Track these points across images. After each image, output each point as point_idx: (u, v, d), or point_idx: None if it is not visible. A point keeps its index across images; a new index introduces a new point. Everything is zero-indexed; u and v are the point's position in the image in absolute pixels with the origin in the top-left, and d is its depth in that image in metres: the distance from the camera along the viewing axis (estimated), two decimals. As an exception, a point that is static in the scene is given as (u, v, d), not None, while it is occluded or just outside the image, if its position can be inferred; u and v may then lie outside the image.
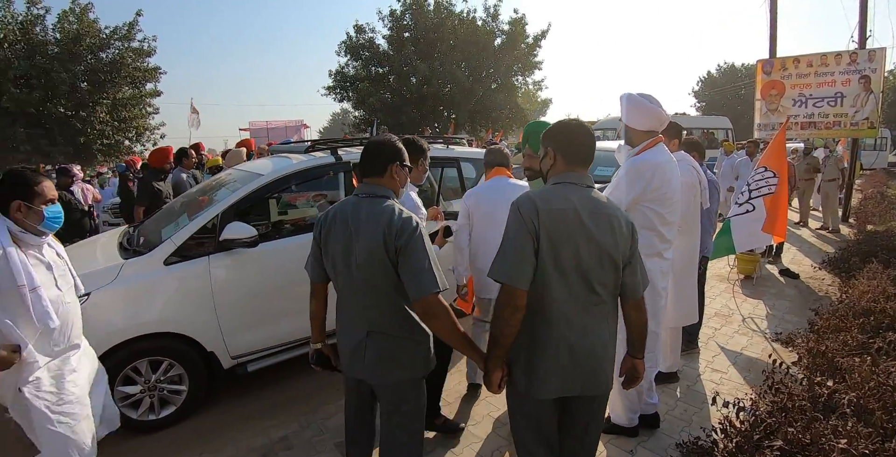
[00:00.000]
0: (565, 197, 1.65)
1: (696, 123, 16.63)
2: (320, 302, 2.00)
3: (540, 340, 1.66)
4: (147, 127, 17.55)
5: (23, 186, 1.91)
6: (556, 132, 1.78)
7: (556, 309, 1.64)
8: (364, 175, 1.87)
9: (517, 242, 1.61)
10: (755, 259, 5.84)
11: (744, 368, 3.66)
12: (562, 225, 1.61)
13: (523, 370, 1.69)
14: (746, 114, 28.84)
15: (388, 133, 2.18)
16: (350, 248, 1.75)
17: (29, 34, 15.10)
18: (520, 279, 1.59)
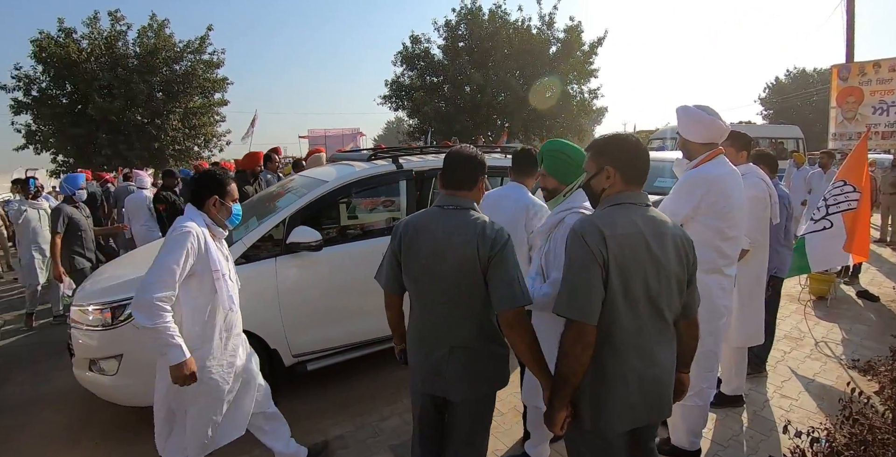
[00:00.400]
0: (631, 220, 1.56)
1: (763, 133, 15.75)
2: (396, 313, 2.00)
3: (608, 372, 1.57)
4: (214, 134, 18.62)
5: (219, 185, 2.21)
6: (615, 148, 1.66)
7: (624, 339, 1.55)
8: (454, 187, 1.83)
9: (585, 275, 1.50)
10: (830, 279, 5.46)
11: (816, 395, 3.42)
12: (630, 251, 1.51)
13: (590, 405, 1.59)
14: (819, 122, 27.16)
15: (466, 144, 2.18)
16: (438, 259, 1.73)
17: (112, 48, 16.45)
18: (591, 315, 1.50)
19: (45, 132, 16.54)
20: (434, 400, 1.90)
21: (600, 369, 1.57)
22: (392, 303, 1.97)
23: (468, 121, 20.89)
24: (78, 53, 15.62)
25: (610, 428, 1.58)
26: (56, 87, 16.23)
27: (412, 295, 1.86)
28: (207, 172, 2.29)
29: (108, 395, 3.04)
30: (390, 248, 1.87)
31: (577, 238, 1.54)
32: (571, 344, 1.52)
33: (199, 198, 2.19)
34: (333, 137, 17.01)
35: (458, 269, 1.71)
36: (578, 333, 1.50)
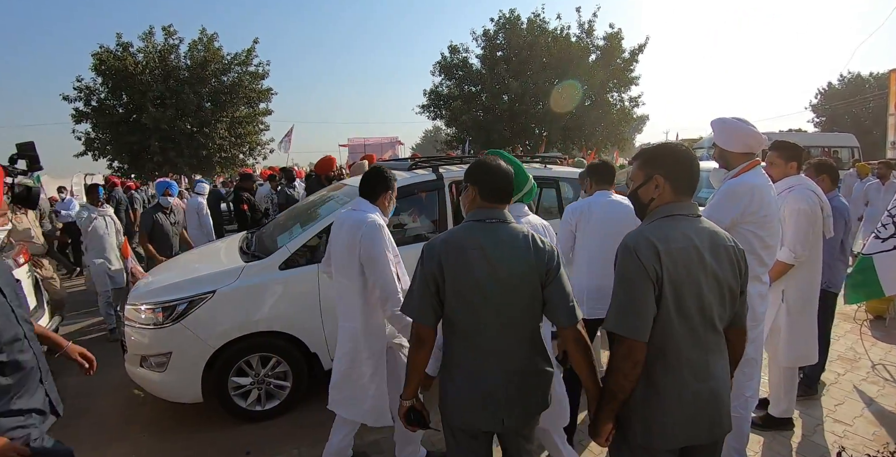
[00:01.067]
0: (684, 233, 1.52)
1: (816, 141, 15.05)
2: (428, 350, 1.72)
3: (661, 388, 1.54)
4: (259, 142, 19.34)
5: (389, 180, 2.43)
6: (665, 156, 1.62)
7: (677, 354, 1.52)
8: (497, 200, 1.76)
9: (637, 292, 1.48)
10: (889, 298, 5.14)
11: (873, 421, 3.23)
12: (684, 265, 1.48)
13: (642, 421, 1.55)
14: (876, 130, 25.77)
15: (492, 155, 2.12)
16: (491, 277, 1.63)
17: (165, 61, 17.41)
18: (642, 332, 1.47)
19: (103, 139, 17.62)
20: (481, 434, 1.76)
21: (652, 384, 1.53)
22: (427, 336, 1.70)
23: (506, 130, 20.91)
24: (134, 66, 16.59)
25: (663, 444, 1.54)
26: (113, 98, 17.30)
27: (455, 320, 1.69)
28: (376, 168, 2.50)
29: (156, 390, 3.19)
30: (423, 273, 1.67)
31: (629, 253, 1.50)
32: (621, 361, 1.49)
33: (373, 192, 2.39)
34: (373, 145, 17.35)
35: (514, 285, 1.64)
36: (629, 349, 1.48)
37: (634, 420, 1.56)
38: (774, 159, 2.99)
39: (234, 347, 3.12)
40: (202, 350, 3.05)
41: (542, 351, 1.77)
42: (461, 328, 1.68)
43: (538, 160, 4.41)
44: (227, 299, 3.09)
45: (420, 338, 1.69)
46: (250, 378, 3.22)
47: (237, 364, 3.16)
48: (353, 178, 4.64)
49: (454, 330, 1.70)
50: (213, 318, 3.06)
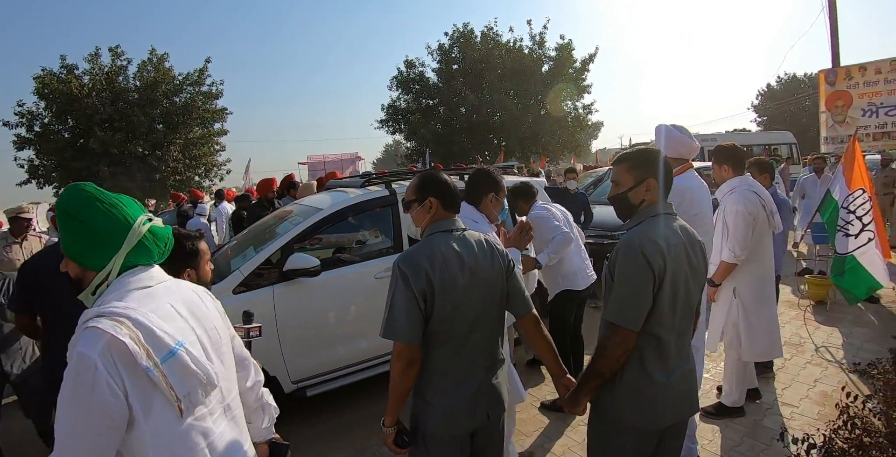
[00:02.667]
0: (674, 231, 1.68)
1: (756, 140, 15.89)
2: (418, 371, 1.69)
3: (653, 372, 1.66)
4: (215, 163, 18.91)
5: (494, 183, 2.41)
6: (654, 161, 1.74)
7: (670, 342, 1.67)
8: (455, 209, 1.83)
9: (640, 287, 1.59)
10: (827, 283, 5.46)
11: (817, 401, 3.42)
12: (678, 261, 1.63)
13: (634, 403, 1.66)
14: (812, 127, 27.33)
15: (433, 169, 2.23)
16: (472, 284, 1.69)
17: (113, 83, 16.86)
18: (639, 323, 1.60)
19: (48, 167, 16.85)
20: (460, 437, 1.77)
21: (645, 369, 1.65)
22: (418, 357, 1.67)
23: (465, 141, 21.16)
24: (79, 89, 16.01)
25: (654, 424, 1.67)
26: (58, 123, 16.61)
27: (447, 331, 1.69)
28: (480, 170, 2.50)
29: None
30: (408, 291, 1.62)
31: (634, 251, 1.60)
32: (615, 348, 1.61)
33: (476, 194, 2.39)
34: (332, 162, 17.21)
35: (491, 289, 1.74)
36: (623, 338, 1.60)
37: (628, 405, 1.67)
38: (713, 165, 3.20)
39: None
40: (156, 382, 2.95)
41: (504, 340, 1.89)
42: (451, 337, 1.69)
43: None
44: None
45: (412, 360, 1.65)
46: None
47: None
48: (312, 197, 4.63)
49: (442, 341, 1.69)
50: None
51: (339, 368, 3.46)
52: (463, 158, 19.39)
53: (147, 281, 1.18)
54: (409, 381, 1.68)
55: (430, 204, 1.79)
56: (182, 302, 1.22)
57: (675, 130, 2.73)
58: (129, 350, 1.03)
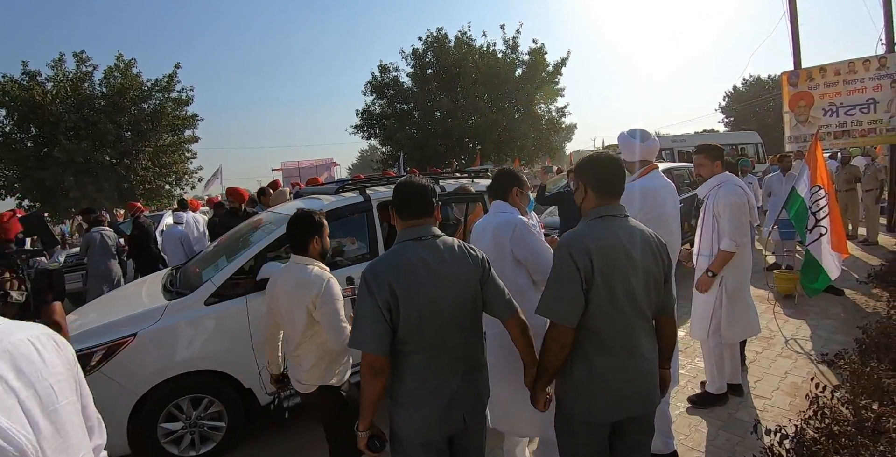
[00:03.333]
0: (612, 232, 1.74)
1: (724, 140, 16.32)
2: (385, 379, 1.72)
3: (598, 367, 1.74)
4: (186, 171, 18.46)
5: (517, 178, 2.49)
6: (588, 167, 1.85)
7: (611, 337, 1.73)
8: (420, 216, 1.79)
9: (566, 285, 1.68)
10: (795, 277, 5.63)
11: (788, 393, 3.51)
12: (613, 260, 1.69)
13: (583, 398, 1.75)
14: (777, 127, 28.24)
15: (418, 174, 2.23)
16: (443, 291, 1.68)
17: (78, 90, 16.30)
18: (569, 319, 1.68)
19: (10, 177, 16.21)
20: (437, 443, 1.77)
21: (591, 365, 1.74)
22: (384, 367, 1.68)
23: (440, 145, 21.19)
24: (42, 96, 15.45)
25: (603, 418, 1.75)
26: (20, 131, 15.98)
27: (417, 340, 1.69)
28: (504, 169, 2.60)
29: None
30: (372, 302, 1.63)
31: (563, 251, 1.71)
32: (551, 342, 1.73)
33: (502, 190, 2.46)
34: (307, 168, 17.05)
35: (462, 295, 1.72)
36: (557, 333, 1.71)
37: (578, 398, 1.77)
38: (702, 161, 3.33)
39: (161, 391, 2.95)
40: (126, 398, 2.87)
41: (482, 345, 1.89)
42: (422, 345, 1.69)
43: (466, 175, 4.50)
44: (150, 341, 2.93)
45: (377, 369, 1.66)
46: (181, 423, 3.05)
47: (166, 409, 3.00)
48: (285, 205, 4.55)
49: (413, 349, 1.70)
50: (136, 362, 2.89)
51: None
52: (438, 163, 19.41)
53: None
54: (377, 388, 1.69)
55: (392, 213, 1.84)
56: (5, 358, 0.98)
57: (628, 136, 2.87)
58: None
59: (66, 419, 1.04)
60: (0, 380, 0.92)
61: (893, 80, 8.33)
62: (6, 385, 0.93)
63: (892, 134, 8.52)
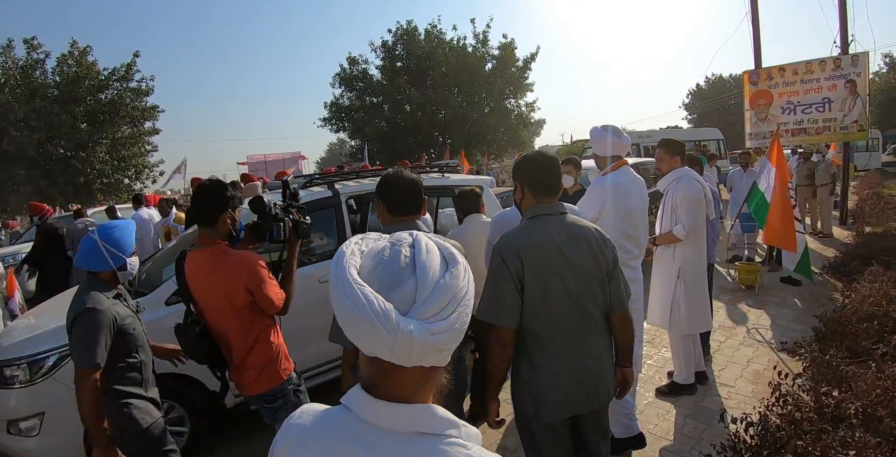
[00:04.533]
0: (543, 231, 1.72)
1: (688, 136, 16.78)
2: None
3: (540, 367, 1.73)
4: (146, 165, 17.76)
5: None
6: (523, 167, 1.86)
7: (552, 337, 1.71)
8: (406, 213, 1.82)
9: (500, 285, 1.68)
10: (756, 269, 5.83)
11: (751, 380, 3.63)
12: (544, 259, 1.68)
13: (531, 396, 1.76)
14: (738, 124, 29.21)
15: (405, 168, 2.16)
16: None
17: (29, 78, 15.44)
18: (507, 320, 1.68)
19: (-46, 171, 15.28)
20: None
21: (533, 366, 1.74)
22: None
23: (410, 139, 21.03)
24: (-11, 84, 14.60)
25: (550, 416, 1.74)
26: (-35, 123, 15.08)
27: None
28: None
29: (32, 457, 2.79)
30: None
31: (494, 253, 1.73)
32: (493, 345, 1.73)
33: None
34: (274, 161, 16.66)
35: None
36: (497, 335, 1.71)
37: (525, 398, 1.78)
38: (662, 155, 3.41)
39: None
40: (82, 404, 2.71)
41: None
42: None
43: (436, 170, 4.46)
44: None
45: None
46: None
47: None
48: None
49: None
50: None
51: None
52: (408, 157, 19.27)
53: None
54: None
55: (380, 206, 1.85)
56: None
57: (602, 131, 2.89)
58: None
59: None
60: None
61: (847, 80, 8.71)
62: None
63: (846, 132, 8.92)
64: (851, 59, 8.74)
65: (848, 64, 8.72)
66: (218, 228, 2.03)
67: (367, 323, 0.59)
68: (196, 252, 2.04)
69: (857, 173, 16.87)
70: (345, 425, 0.67)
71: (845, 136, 9.06)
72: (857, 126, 8.75)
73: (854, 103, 8.73)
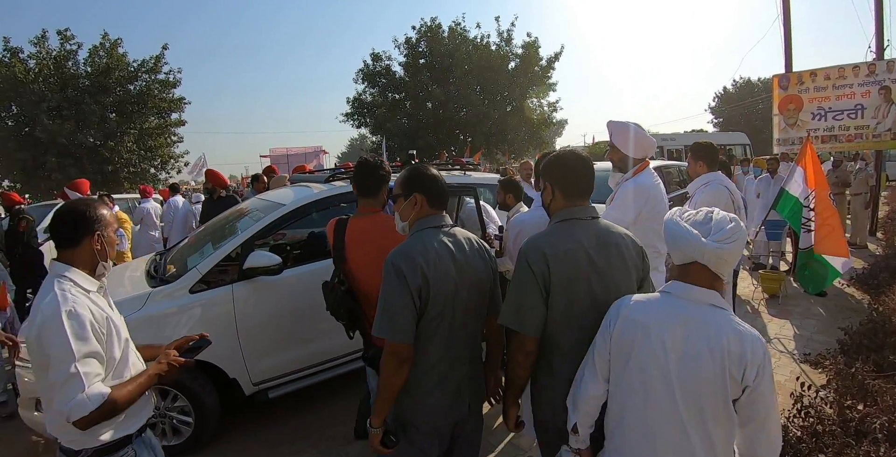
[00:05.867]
0: (573, 236, 1.64)
1: (712, 140, 16.45)
2: (408, 369, 1.66)
3: (559, 375, 1.67)
4: (171, 155, 18.13)
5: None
6: (555, 166, 1.75)
7: (571, 345, 1.64)
8: (440, 206, 1.81)
9: (525, 291, 1.61)
10: (780, 277, 5.71)
11: (772, 391, 3.55)
12: (572, 267, 1.59)
13: (550, 405, 1.71)
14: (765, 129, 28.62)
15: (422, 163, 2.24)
16: (462, 281, 1.69)
17: (62, 68, 15.86)
18: (530, 328, 1.61)
19: (-11, 156, 15.78)
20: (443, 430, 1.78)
21: (552, 373, 1.68)
22: (410, 355, 1.64)
23: (431, 136, 21.06)
24: (24, 74, 15.00)
25: (564, 421, 1.68)
26: (0, 109, 15.54)
27: (436, 328, 1.67)
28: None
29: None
30: (405, 290, 1.59)
31: (521, 259, 1.65)
32: (515, 352, 1.67)
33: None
34: (296, 155, 16.81)
35: (477, 285, 1.74)
36: (520, 343, 1.65)
37: (545, 405, 1.73)
38: (689, 159, 3.38)
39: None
40: (106, 386, 2.79)
41: (482, 335, 1.89)
42: (439, 333, 1.68)
43: (458, 167, 4.45)
44: (133, 329, 2.84)
45: (404, 358, 1.62)
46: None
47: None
48: (274, 192, 4.46)
49: (430, 336, 1.68)
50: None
51: (302, 368, 3.36)
52: (428, 154, 19.27)
53: None
54: (401, 379, 1.64)
55: (416, 200, 1.77)
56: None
57: (625, 123, 2.75)
58: None
59: None
60: None
61: (881, 86, 8.45)
62: None
63: (878, 140, 8.65)
64: (887, 64, 8.48)
65: (883, 70, 8.46)
66: (379, 199, 2.29)
67: (692, 241, 1.35)
68: (359, 219, 2.26)
69: (889, 183, 16.36)
70: (669, 300, 1.40)
71: (878, 144, 8.79)
72: (890, 134, 8.48)
73: (888, 111, 8.46)
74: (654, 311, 1.40)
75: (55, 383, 1.40)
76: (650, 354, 1.35)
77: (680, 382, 1.31)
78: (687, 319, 1.34)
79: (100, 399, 1.41)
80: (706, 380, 1.29)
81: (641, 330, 1.37)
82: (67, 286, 1.51)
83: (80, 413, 1.39)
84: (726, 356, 1.27)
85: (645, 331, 1.37)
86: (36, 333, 1.43)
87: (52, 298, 1.46)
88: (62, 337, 1.41)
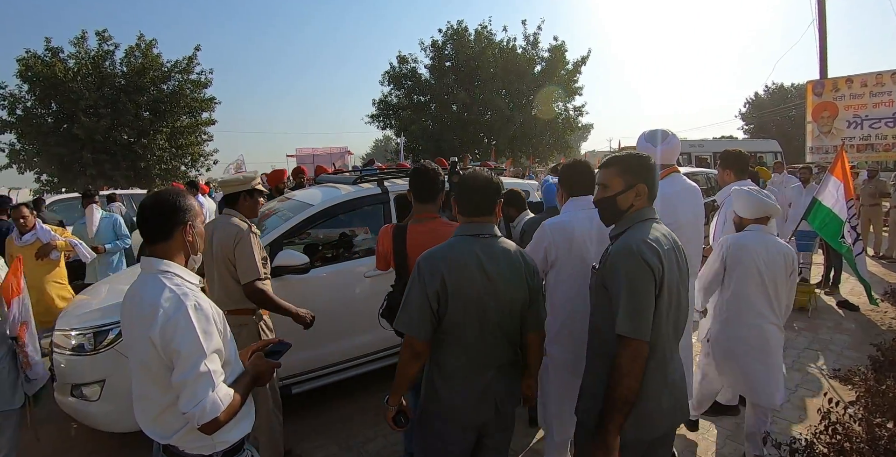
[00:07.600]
0: (664, 235, 1.68)
1: (742, 147, 16.04)
2: (424, 362, 1.78)
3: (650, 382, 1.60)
4: (202, 153, 18.61)
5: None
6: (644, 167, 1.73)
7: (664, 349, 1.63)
8: (480, 213, 1.80)
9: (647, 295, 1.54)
10: (809, 290, 5.56)
11: (798, 406, 3.48)
12: (671, 265, 1.62)
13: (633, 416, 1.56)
14: (798, 136, 27.85)
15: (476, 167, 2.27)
16: (490, 290, 1.69)
17: (99, 68, 16.45)
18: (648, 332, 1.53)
19: (29, 151, 16.43)
20: (469, 430, 1.81)
21: (645, 381, 1.55)
22: (424, 351, 1.72)
23: (455, 139, 21.12)
24: (64, 73, 15.60)
25: (650, 433, 1.63)
26: (41, 107, 16.18)
27: (459, 332, 1.72)
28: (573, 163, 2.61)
29: (90, 421, 3.00)
30: (424, 290, 1.66)
31: (635, 258, 1.54)
32: (632, 363, 1.50)
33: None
34: (321, 155, 17.02)
35: (510, 296, 1.72)
36: (637, 351, 1.50)
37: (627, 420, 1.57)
38: (718, 168, 3.41)
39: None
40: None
41: (518, 346, 1.86)
42: (461, 339, 1.73)
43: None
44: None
45: (417, 352, 1.71)
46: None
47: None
48: (298, 193, 4.54)
49: (452, 341, 1.74)
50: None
51: (327, 365, 3.43)
52: (452, 156, 19.29)
53: None
54: (412, 370, 1.73)
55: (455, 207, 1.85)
56: None
57: (649, 145, 2.78)
58: None
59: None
60: None
61: (922, 94, 8.19)
62: None
63: (917, 149, 8.38)
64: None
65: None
66: (436, 204, 2.38)
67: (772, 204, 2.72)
68: (418, 225, 2.33)
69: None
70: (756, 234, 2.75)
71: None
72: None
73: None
74: (750, 238, 2.67)
75: (185, 382, 1.30)
76: (751, 260, 2.58)
77: (767, 271, 2.58)
78: (766, 241, 2.64)
79: (228, 400, 1.35)
80: (780, 269, 2.60)
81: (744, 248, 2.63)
82: (178, 281, 1.41)
83: (213, 415, 1.30)
84: (785, 257, 2.63)
85: (746, 248, 2.63)
86: (160, 331, 1.31)
87: (170, 293, 1.35)
88: (191, 332, 1.32)
